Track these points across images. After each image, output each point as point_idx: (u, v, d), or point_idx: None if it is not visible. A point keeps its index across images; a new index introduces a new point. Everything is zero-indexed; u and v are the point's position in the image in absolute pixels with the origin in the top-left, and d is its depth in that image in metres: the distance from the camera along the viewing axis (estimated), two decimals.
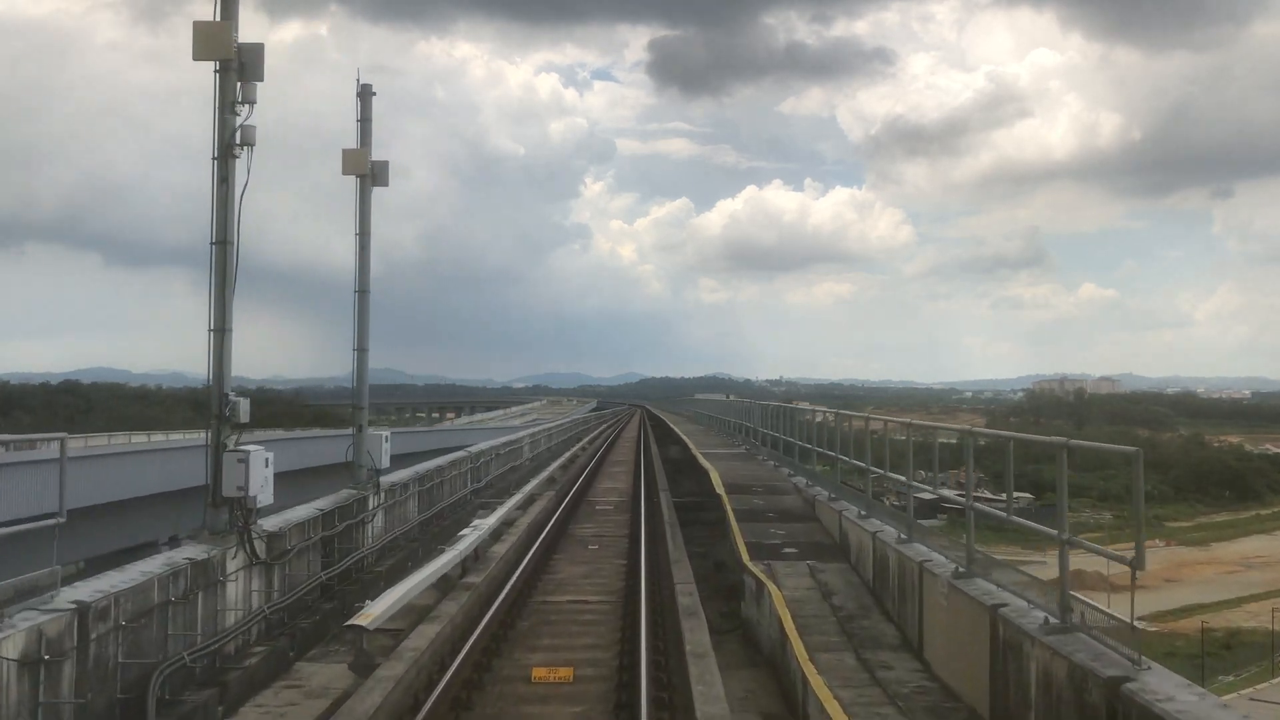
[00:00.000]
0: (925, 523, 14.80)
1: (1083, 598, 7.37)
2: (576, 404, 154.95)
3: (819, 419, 20.23)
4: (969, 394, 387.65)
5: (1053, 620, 7.28)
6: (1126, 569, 6.61)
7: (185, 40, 10.68)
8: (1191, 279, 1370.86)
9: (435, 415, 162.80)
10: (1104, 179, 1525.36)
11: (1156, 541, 67.95)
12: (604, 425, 78.96)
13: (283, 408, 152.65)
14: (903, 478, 12.49)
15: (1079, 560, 8.50)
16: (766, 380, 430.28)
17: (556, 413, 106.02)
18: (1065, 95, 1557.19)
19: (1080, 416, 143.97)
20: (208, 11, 11.00)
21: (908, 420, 13.29)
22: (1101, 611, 7.07)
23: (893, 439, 14.26)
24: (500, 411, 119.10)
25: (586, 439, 56.96)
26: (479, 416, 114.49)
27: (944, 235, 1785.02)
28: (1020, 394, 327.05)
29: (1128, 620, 6.79)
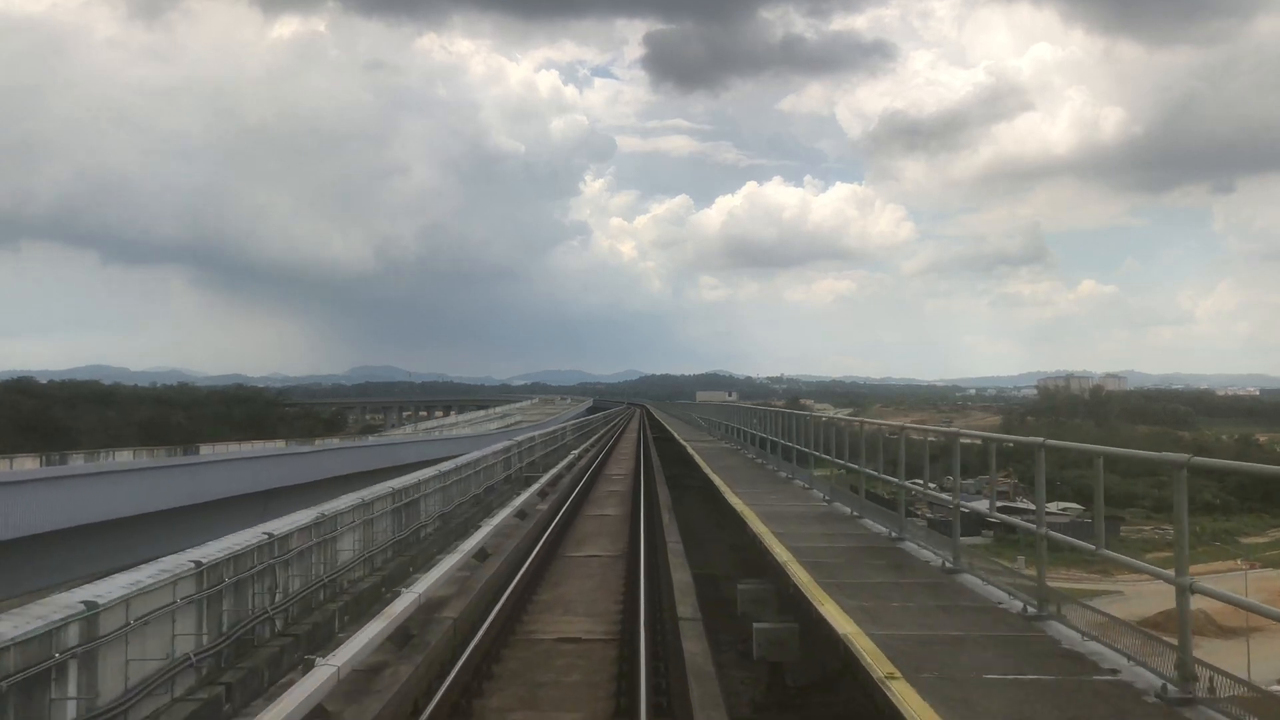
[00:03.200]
0: (968, 540, 11.44)
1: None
2: (570, 403, 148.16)
3: None
4: (972, 391, 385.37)
5: (1171, 689, 5.61)
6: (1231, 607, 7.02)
7: (182, 36, 3.92)
8: (1192, 276, 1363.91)
9: (423, 414, 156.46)
10: (1105, 175, 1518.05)
11: (1237, 562, 59.94)
12: (589, 442, 51.88)
13: (261, 408, 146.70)
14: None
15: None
16: (768, 378, 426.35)
17: (544, 413, 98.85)
18: (1067, 90, 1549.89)
19: (1098, 415, 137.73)
20: (203, 8, 4.10)
21: (1042, 441, 8.46)
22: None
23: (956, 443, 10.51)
24: (481, 412, 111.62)
25: (545, 479, 27.26)
26: (465, 417, 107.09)
27: (944, 232, 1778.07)
28: (1023, 391, 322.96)
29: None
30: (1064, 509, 61.22)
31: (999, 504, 10.40)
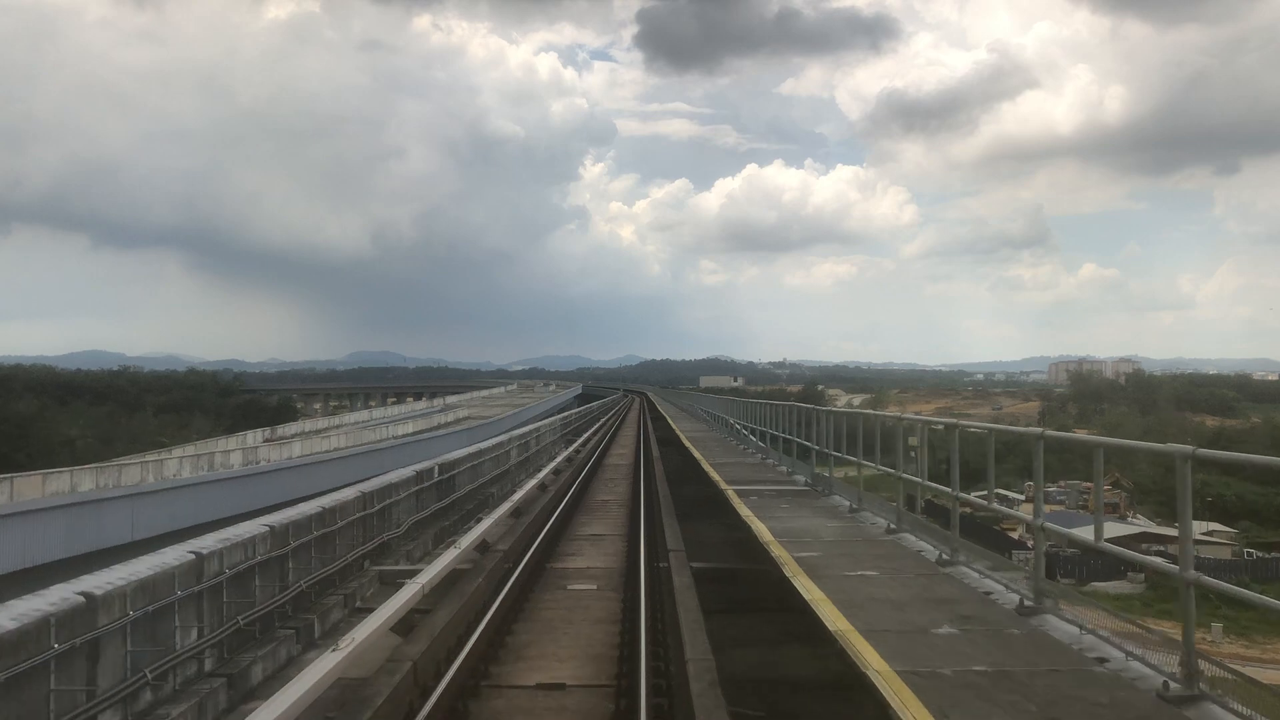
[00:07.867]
0: (1106, 585, 8.90)
1: None
2: (554, 389, 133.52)
3: None
4: (980, 376, 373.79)
5: None
6: None
7: (174, 17, 0.58)
8: (1193, 259, 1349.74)
9: (392, 400, 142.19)
10: (1108, 157, 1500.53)
11: None
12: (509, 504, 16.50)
13: (214, 395, 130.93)
14: None
15: None
16: (769, 363, 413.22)
17: (512, 404, 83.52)
18: (1071, 70, 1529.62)
19: (1144, 403, 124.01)
20: None
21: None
22: None
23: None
24: (422, 403, 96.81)
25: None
26: (393, 411, 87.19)
27: (946, 215, 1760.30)
28: (1031, 376, 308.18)
29: None
30: (1210, 533, 46.60)
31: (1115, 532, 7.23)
